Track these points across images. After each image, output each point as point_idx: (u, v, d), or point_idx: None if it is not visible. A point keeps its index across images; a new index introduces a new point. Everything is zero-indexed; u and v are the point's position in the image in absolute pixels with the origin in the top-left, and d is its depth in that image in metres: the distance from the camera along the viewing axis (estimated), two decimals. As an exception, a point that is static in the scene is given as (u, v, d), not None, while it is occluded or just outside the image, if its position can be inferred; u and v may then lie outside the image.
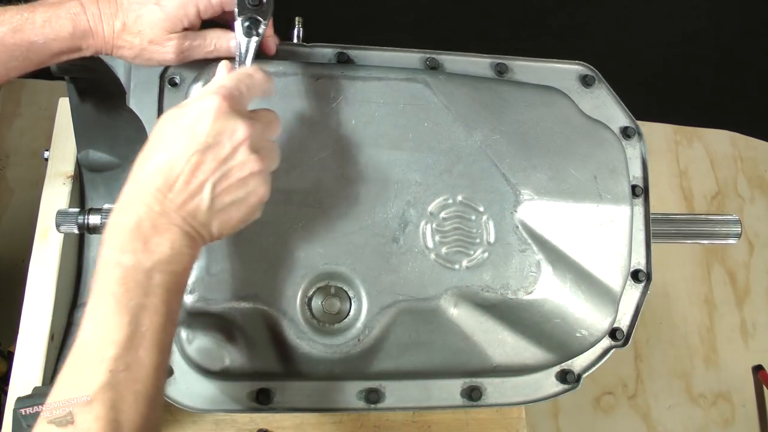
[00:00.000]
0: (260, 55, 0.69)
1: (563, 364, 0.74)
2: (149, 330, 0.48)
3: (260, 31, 0.63)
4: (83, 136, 0.86)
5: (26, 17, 0.60)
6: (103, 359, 0.46)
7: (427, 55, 0.76)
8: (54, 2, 0.61)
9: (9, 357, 1.26)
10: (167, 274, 0.50)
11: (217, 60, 0.63)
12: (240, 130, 0.52)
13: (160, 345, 0.49)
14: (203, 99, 0.52)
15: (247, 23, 0.63)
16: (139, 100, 0.68)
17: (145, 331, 0.48)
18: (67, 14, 0.60)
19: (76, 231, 0.72)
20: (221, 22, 0.66)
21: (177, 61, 0.65)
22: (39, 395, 0.68)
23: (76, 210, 0.72)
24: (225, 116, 0.52)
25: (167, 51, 0.63)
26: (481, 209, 0.69)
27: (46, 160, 0.92)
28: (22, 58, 0.60)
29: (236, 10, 0.63)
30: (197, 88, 0.67)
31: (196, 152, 0.51)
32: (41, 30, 0.60)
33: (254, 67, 0.58)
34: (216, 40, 0.65)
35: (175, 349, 0.66)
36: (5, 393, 0.82)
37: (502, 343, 0.70)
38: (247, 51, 0.64)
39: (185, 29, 0.63)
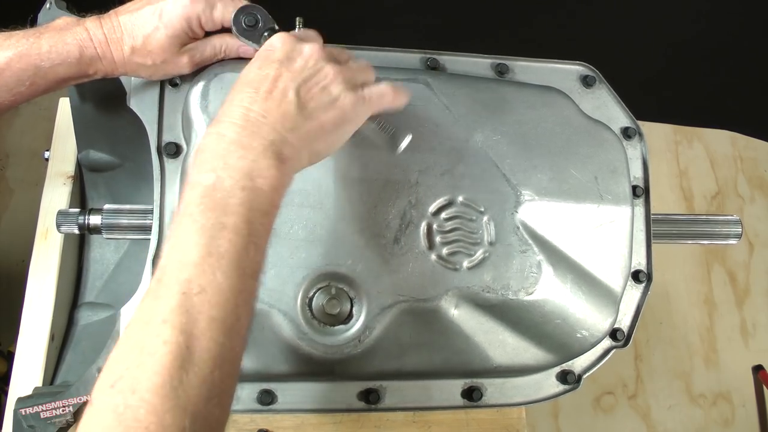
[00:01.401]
0: None
1: (564, 364, 0.74)
2: (228, 252, 0.45)
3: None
4: (84, 136, 0.86)
5: (32, 42, 0.60)
6: (177, 281, 0.43)
7: (428, 56, 0.76)
8: (60, 27, 0.61)
9: (9, 357, 1.26)
10: (250, 191, 0.47)
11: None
12: (307, 47, 0.55)
13: (241, 269, 0.45)
14: (269, 42, 0.56)
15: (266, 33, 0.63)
16: (140, 101, 0.68)
17: (224, 252, 0.44)
18: (73, 40, 0.60)
19: (76, 231, 0.72)
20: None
21: (192, 69, 0.66)
22: (39, 395, 0.68)
23: (77, 210, 0.73)
24: (291, 42, 0.55)
25: (180, 63, 0.65)
26: (482, 210, 0.69)
27: (47, 160, 0.91)
28: (29, 83, 0.60)
29: (242, 36, 0.63)
30: (196, 91, 0.67)
31: (272, 68, 0.53)
32: (47, 55, 0.60)
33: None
34: (223, 45, 0.66)
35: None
36: (5, 393, 0.82)
37: (502, 344, 0.70)
38: None
39: (192, 39, 0.64)
